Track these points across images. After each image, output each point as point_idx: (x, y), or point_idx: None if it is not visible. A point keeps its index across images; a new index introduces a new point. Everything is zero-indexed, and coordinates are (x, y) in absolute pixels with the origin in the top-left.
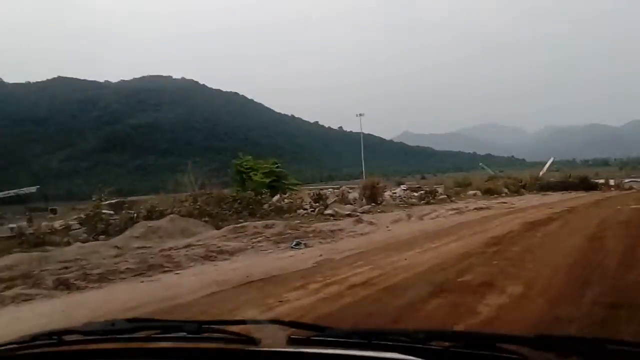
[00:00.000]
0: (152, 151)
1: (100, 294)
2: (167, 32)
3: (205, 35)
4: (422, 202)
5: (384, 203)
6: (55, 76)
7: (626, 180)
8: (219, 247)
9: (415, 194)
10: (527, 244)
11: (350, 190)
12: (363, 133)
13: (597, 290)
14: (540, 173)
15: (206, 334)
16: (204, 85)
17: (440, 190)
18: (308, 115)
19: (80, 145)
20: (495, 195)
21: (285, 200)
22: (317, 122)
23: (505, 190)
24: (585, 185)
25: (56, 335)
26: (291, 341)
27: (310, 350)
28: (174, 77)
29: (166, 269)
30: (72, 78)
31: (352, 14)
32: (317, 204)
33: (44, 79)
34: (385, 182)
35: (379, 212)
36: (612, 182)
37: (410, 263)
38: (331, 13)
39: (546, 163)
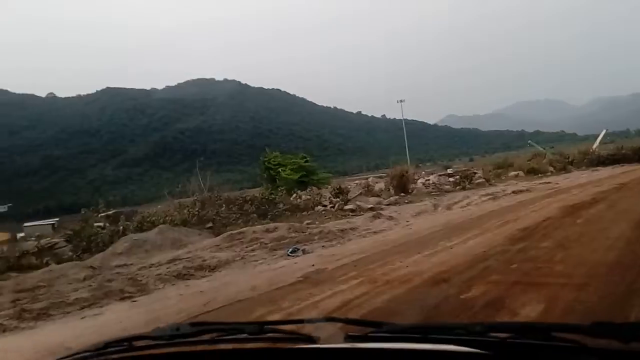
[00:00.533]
0: (200, 153)
1: (22, 338)
2: (212, 38)
3: (252, 38)
4: (458, 187)
5: (414, 192)
6: (104, 87)
7: None
8: (204, 260)
9: (451, 179)
10: (561, 236)
11: (378, 181)
12: (406, 119)
13: None
14: (594, 146)
15: (267, 334)
16: (246, 84)
17: (479, 173)
18: (350, 106)
19: (132, 153)
20: (539, 175)
21: (304, 197)
22: (359, 112)
23: (551, 168)
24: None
25: (127, 342)
26: (349, 338)
27: (368, 346)
28: (216, 79)
29: (126, 295)
30: (119, 88)
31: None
32: (336, 199)
33: (93, 91)
34: (433, 167)
35: (407, 202)
36: None
37: (410, 272)
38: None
39: (598, 136)
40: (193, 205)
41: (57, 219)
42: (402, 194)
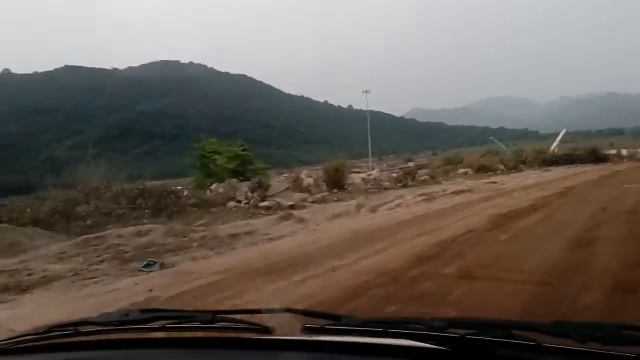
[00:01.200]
0: (160, 137)
1: None
2: (177, 20)
3: (217, 22)
4: (399, 185)
5: (349, 189)
6: (63, 65)
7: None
8: (31, 274)
9: (394, 174)
10: (472, 259)
11: (312, 175)
12: (372, 110)
13: None
14: (553, 146)
15: (220, 323)
16: (212, 69)
17: (426, 170)
18: (318, 95)
19: (88, 133)
20: (489, 173)
21: (221, 190)
22: (326, 101)
23: (502, 166)
24: (595, 157)
25: (71, 326)
26: (306, 330)
27: (325, 339)
28: (182, 62)
29: None
30: (79, 67)
31: None
32: (253, 195)
33: (52, 68)
34: (395, 159)
35: (335, 200)
36: (624, 152)
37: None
38: None
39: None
40: (58, 200)
41: None
42: (335, 190)
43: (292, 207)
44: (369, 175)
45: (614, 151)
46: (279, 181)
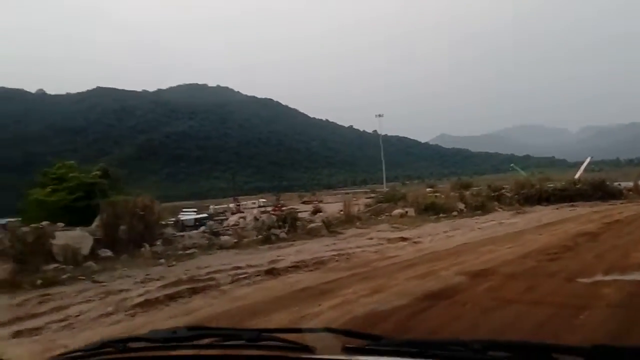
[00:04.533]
0: (184, 158)
1: None
2: (207, 41)
3: (246, 44)
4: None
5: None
6: (95, 87)
7: None
8: None
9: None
10: None
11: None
12: (397, 136)
13: None
14: (577, 174)
15: (264, 342)
16: (238, 92)
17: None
18: (342, 119)
19: (117, 154)
20: (438, 216)
21: None
22: (351, 126)
23: (462, 206)
24: (603, 192)
25: (122, 343)
26: (346, 350)
27: (364, 359)
28: (209, 84)
29: None
30: (110, 88)
31: (383, 18)
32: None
33: (84, 89)
34: (419, 184)
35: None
36: None
37: None
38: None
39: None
40: None
41: (8, 219)
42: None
43: None
44: (242, 216)
45: (629, 184)
46: None
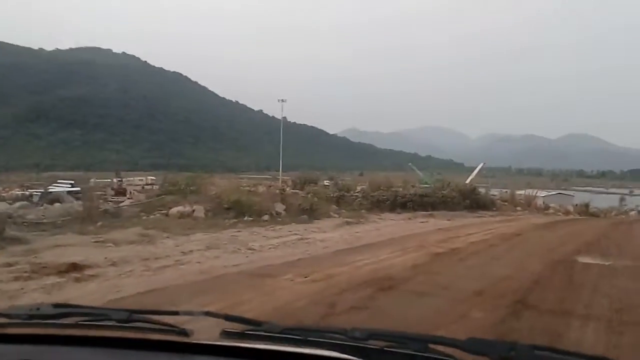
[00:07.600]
0: (79, 125)
1: None
2: (117, 4)
3: (158, 12)
4: None
5: None
6: None
7: (542, 194)
8: None
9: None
10: None
11: None
12: (307, 125)
13: None
14: (468, 179)
15: (136, 323)
16: (145, 62)
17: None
18: (253, 103)
19: (0, 113)
20: (237, 220)
21: None
22: (261, 110)
23: (280, 208)
24: (471, 201)
25: None
26: (224, 334)
27: (243, 345)
28: (114, 50)
29: None
30: (1, 42)
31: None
32: None
33: None
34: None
35: None
36: (532, 192)
37: None
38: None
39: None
40: None
41: None
42: None
43: None
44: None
45: (502, 193)
46: None
